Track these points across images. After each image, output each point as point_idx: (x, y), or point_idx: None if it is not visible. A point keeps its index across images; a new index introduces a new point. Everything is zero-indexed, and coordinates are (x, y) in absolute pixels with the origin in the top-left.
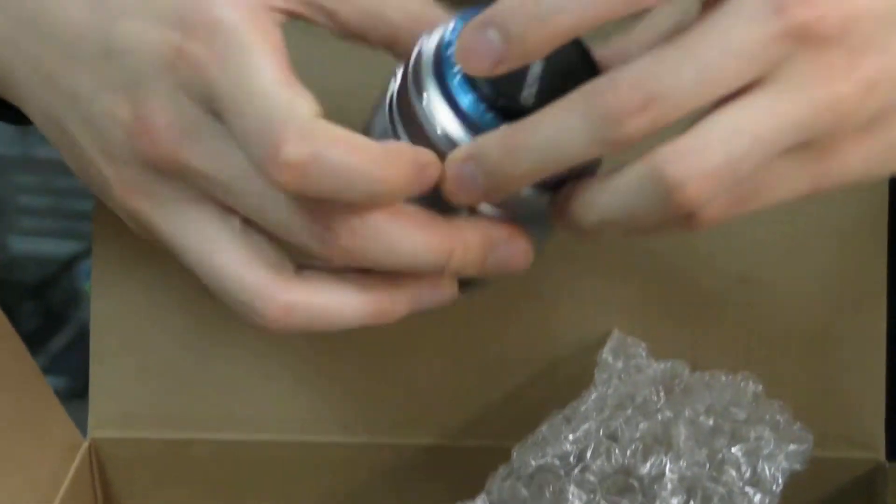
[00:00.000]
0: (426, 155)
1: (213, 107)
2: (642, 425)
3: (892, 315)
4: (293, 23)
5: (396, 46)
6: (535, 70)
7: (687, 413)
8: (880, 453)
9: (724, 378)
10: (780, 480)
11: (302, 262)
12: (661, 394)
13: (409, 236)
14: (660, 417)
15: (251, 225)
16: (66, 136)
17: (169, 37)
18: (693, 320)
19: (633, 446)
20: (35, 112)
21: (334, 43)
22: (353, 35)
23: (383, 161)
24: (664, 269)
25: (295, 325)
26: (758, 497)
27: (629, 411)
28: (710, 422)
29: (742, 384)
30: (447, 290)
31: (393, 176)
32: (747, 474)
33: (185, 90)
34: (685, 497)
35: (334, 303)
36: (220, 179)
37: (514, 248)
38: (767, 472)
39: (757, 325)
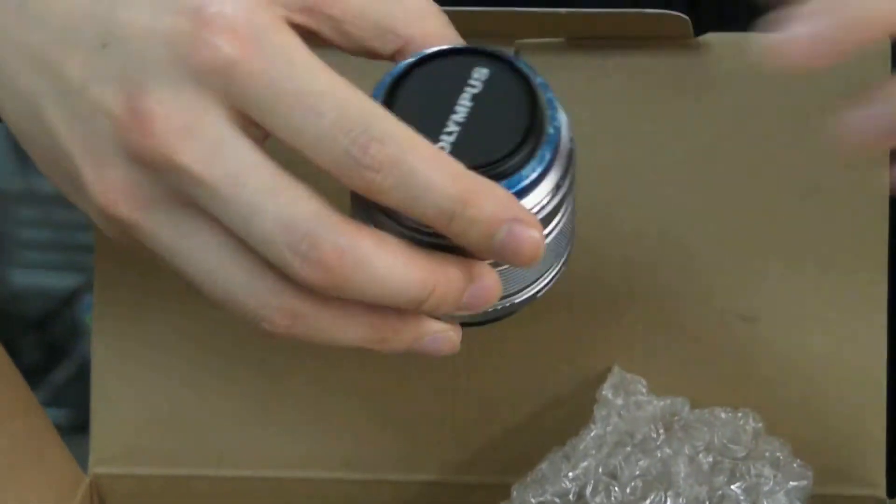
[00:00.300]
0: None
1: (242, 103)
2: (642, 463)
3: (892, 351)
4: None
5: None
6: (458, 116)
7: (687, 450)
8: (881, 490)
9: (723, 415)
10: None
11: None
12: (661, 431)
13: (396, 266)
14: (659, 455)
15: None
16: (43, 130)
17: (183, 27)
18: (693, 357)
19: (633, 484)
20: (8, 101)
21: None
22: (360, 49)
23: (473, 185)
24: (664, 305)
25: (299, 333)
26: None
27: (629, 449)
28: (710, 459)
29: (742, 421)
30: (452, 335)
31: (478, 205)
32: None
33: (196, 83)
34: None
35: (339, 318)
36: (209, 182)
37: (488, 282)
38: None
39: (757, 362)
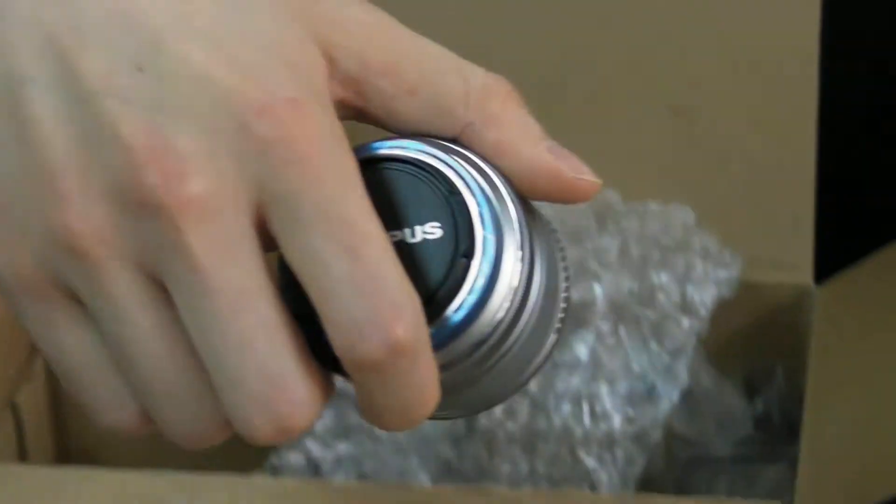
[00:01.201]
0: None
1: (273, 202)
2: (572, 252)
3: (820, 144)
4: None
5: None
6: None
7: (617, 241)
8: (808, 276)
9: (654, 207)
10: (709, 306)
11: None
12: (592, 221)
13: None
14: (590, 245)
15: None
16: (12, 121)
17: (249, 92)
18: (626, 149)
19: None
20: None
21: None
22: (407, 132)
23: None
24: (598, 97)
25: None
26: (686, 322)
27: (559, 238)
28: (641, 250)
29: (673, 213)
30: None
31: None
32: (676, 300)
33: (238, 156)
34: (614, 322)
35: None
36: (207, 284)
37: None
38: (696, 298)
39: (688, 155)
